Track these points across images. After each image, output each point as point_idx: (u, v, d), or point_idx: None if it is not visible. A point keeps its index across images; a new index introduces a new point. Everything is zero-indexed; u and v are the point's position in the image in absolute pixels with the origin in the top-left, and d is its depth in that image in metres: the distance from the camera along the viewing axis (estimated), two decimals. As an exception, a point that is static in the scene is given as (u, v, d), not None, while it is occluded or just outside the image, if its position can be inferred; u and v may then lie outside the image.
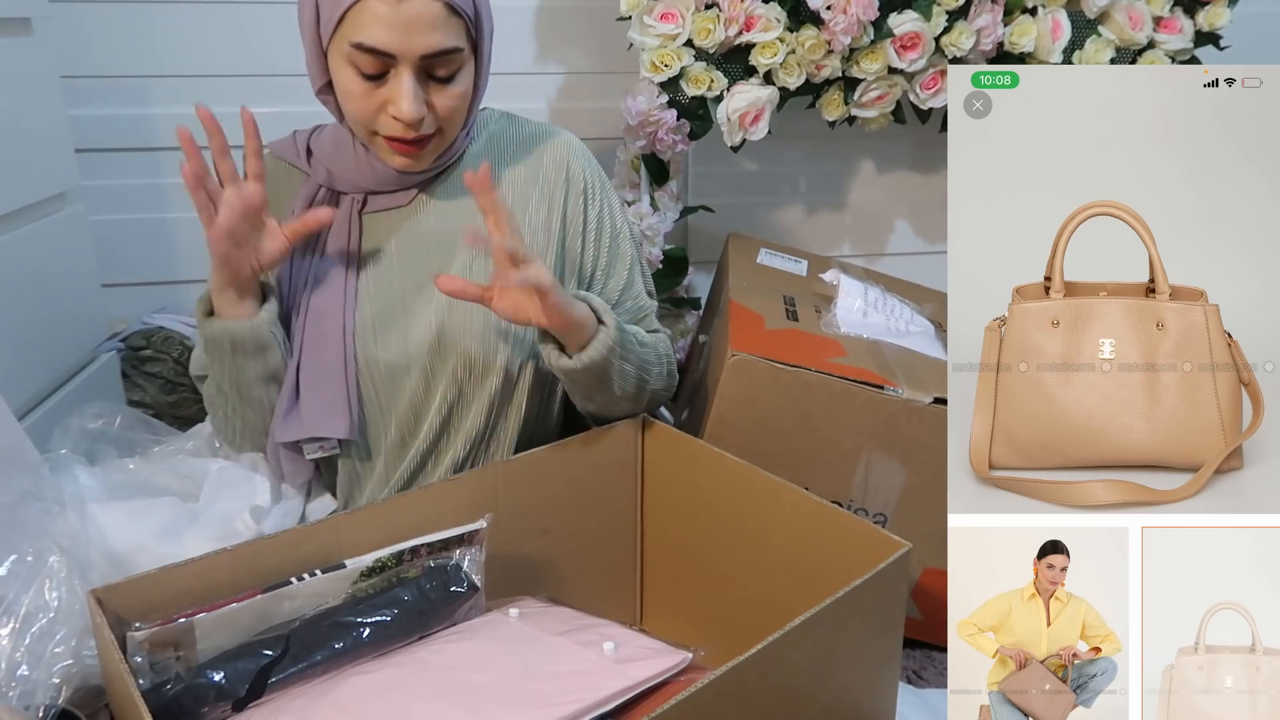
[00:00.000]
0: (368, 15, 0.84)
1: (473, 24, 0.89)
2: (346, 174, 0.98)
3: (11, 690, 0.72)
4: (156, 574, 0.73)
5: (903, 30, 1.37)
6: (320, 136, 1.01)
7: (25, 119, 1.19)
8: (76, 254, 1.31)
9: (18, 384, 1.11)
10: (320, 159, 0.99)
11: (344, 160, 0.98)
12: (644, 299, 1.08)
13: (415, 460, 0.99)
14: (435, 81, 0.89)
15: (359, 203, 0.99)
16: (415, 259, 0.99)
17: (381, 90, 0.88)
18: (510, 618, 0.81)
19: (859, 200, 1.81)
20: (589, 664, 0.70)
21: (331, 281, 0.98)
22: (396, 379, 0.97)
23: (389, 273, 0.98)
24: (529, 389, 1.01)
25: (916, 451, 1.06)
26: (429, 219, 0.99)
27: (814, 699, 0.75)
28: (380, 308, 0.98)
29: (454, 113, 0.92)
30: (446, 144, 0.96)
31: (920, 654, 1.15)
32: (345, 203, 0.99)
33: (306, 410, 0.95)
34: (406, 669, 0.72)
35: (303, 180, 1.01)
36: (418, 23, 0.84)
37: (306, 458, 0.97)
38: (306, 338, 0.97)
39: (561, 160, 1.03)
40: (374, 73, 0.87)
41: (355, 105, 0.90)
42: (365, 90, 0.88)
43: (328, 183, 0.99)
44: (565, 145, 1.04)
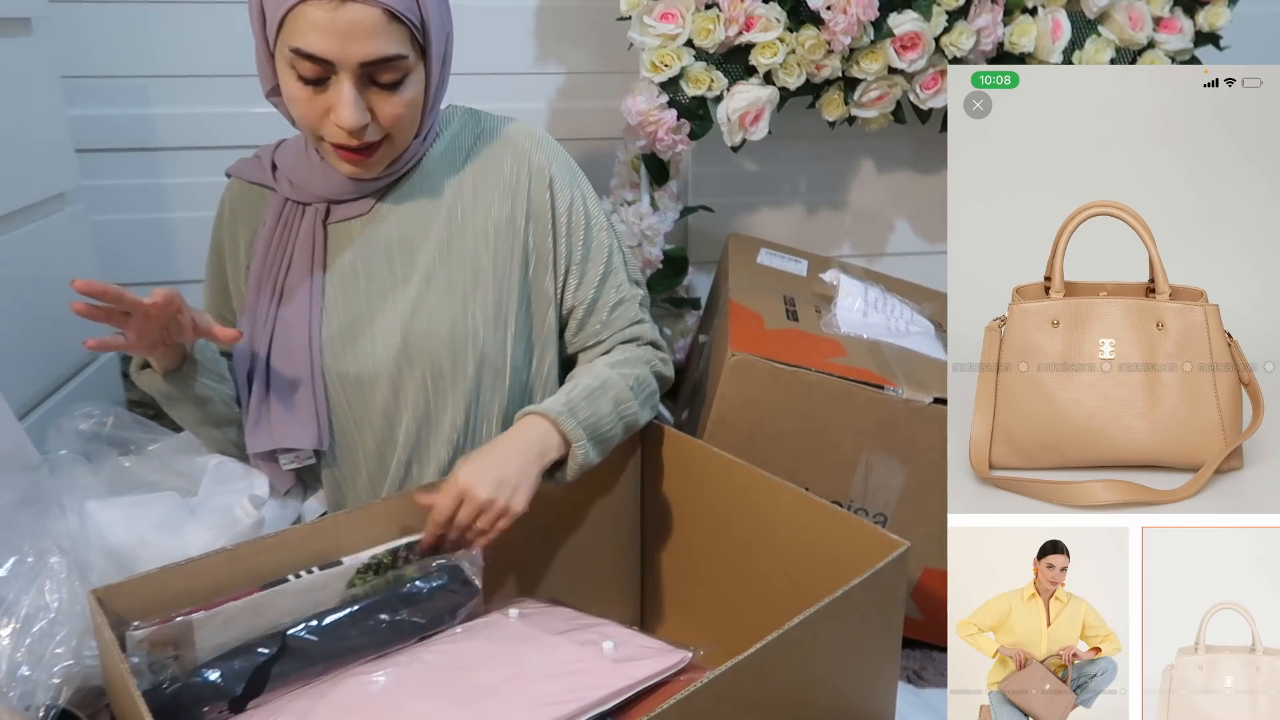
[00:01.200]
0: (304, 21, 0.82)
1: (419, 30, 0.86)
2: (306, 184, 0.97)
3: (12, 690, 0.72)
4: (156, 574, 0.73)
5: (903, 30, 1.37)
6: (284, 149, 1.00)
7: (25, 119, 1.19)
8: (76, 254, 1.31)
9: (18, 384, 1.10)
10: (283, 171, 0.98)
11: (303, 170, 0.97)
12: (627, 287, 1.05)
13: (399, 468, 0.98)
14: (379, 88, 0.87)
15: (322, 213, 0.97)
16: (378, 267, 0.97)
17: (324, 96, 0.86)
18: (510, 618, 0.81)
19: (859, 200, 1.81)
20: (588, 663, 0.70)
21: (298, 294, 0.97)
22: (365, 390, 0.97)
23: (353, 282, 0.97)
24: (506, 390, 0.99)
25: (916, 451, 1.06)
26: (390, 226, 0.98)
27: (814, 699, 0.75)
28: (346, 320, 0.96)
29: (400, 120, 0.89)
30: (397, 151, 0.93)
31: (920, 654, 1.15)
32: (309, 214, 0.97)
33: (275, 422, 0.96)
34: (406, 669, 0.72)
35: (270, 197, 1.00)
36: (356, 30, 0.82)
37: (283, 468, 0.98)
38: (274, 349, 0.96)
39: (523, 153, 1.00)
40: (315, 78, 0.85)
41: (299, 110, 0.88)
42: (307, 96, 0.86)
43: (291, 195, 0.98)
44: (527, 137, 1.01)
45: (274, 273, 0.98)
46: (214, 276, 1.05)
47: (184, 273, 1.60)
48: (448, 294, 0.96)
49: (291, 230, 0.98)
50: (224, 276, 1.03)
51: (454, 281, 0.97)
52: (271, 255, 0.97)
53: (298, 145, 0.98)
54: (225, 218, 1.03)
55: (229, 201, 1.03)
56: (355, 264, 0.97)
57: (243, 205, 1.02)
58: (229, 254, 1.03)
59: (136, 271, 1.58)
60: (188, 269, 1.60)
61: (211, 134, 1.54)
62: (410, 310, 0.95)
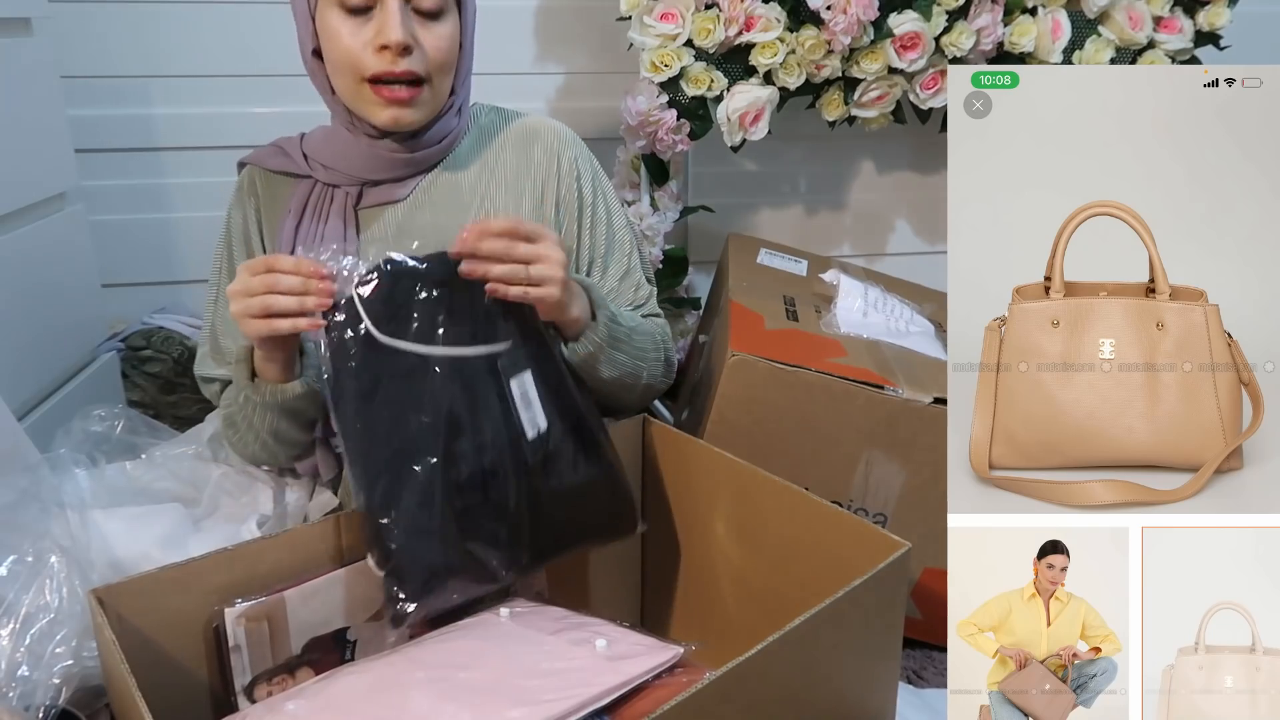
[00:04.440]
0: None
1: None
2: (342, 164, 0.98)
3: (12, 691, 0.72)
4: (157, 573, 0.73)
5: (903, 30, 1.37)
6: (310, 138, 1.01)
7: (25, 119, 1.19)
8: (76, 254, 1.31)
9: (18, 384, 1.11)
10: (315, 157, 0.99)
11: (337, 150, 0.98)
12: (645, 285, 1.08)
13: None
14: (421, 17, 0.90)
15: (354, 197, 0.99)
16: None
17: (368, 26, 0.89)
18: (501, 617, 0.81)
19: (859, 200, 1.81)
20: (581, 661, 0.70)
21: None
22: None
23: None
24: None
25: (916, 451, 1.06)
26: (424, 213, 1.00)
27: (814, 699, 0.75)
28: None
29: (442, 55, 0.92)
30: (436, 99, 0.95)
31: (920, 654, 1.15)
32: (339, 198, 0.98)
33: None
34: (398, 667, 0.72)
35: (292, 184, 1.00)
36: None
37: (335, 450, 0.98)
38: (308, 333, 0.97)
39: (552, 149, 1.03)
40: (360, 4, 0.88)
41: (343, 46, 0.90)
42: (352, 28, 0.89)
43: (325, 178, 0.99)
44: (555, 134, 1.04)
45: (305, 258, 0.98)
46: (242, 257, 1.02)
47: (184, 273, 1.60)
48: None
49: (321, 215, 0.99)
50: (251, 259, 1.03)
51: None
52: (300, 240, 0.97)
53: (324, 130, 1.00)
54: (248, 204, 1.02)
55: (249, 188, 1.03)
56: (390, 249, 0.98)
57: (266, 193, 1.02)
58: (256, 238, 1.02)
59: (136, 271, 1.58)
60: (187, 269, 1.60)
61: (211, 134, 1.54)
62: None
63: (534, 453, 0.80)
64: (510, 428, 0.79)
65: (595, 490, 0.86)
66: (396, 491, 0.75)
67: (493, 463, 0.78)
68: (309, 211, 0.99)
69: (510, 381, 0.80)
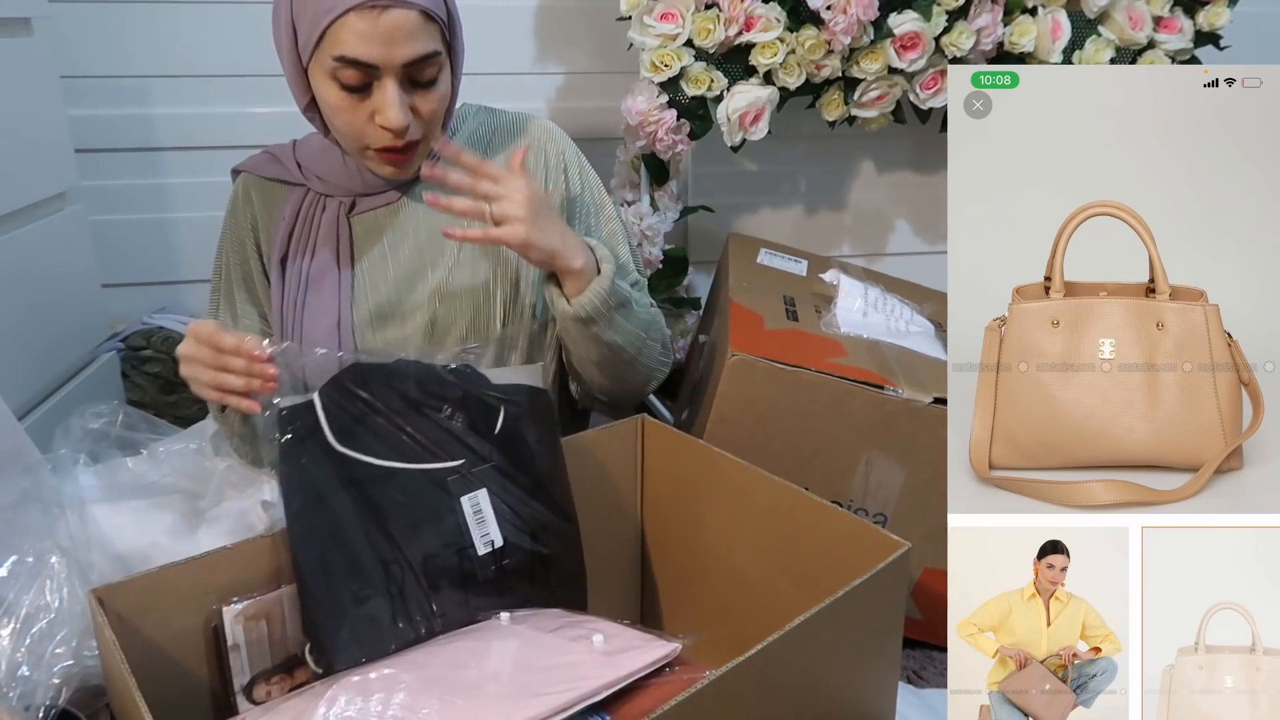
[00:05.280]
0: (348, 30, 0.85)
1: (446, 26, 0.91)
2: (334, 179, 1.00)
3: (12, 690, 0.72)
4: (157, 573, 0.73)
5: (903, 30, 1.37)
6: (303, 147, 1.03)
7: (25, 119, 1.19)
8: (76, 254, 1.31)
9: (18, 384, 1.11)
10: (309, 168, 1.01)
11: (330, 166, 1.00)
12: (635, 275, 1.10)
13: None
14: (417, 87, 0.91)
15: (346, 205, 1.01)
16: (406, 254, 1.01)
17: (367, 102, 0.89)
18: (500, 621, 0.81)
19: (859, 200, 1.81)
20: (579, 656, 0.70)
21: (326, 280, 1.00)
22: None
23: (382, 269, 1.01)
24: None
25: (916, 451, 1.06)
26: (416, 215, 1.02)
27: (814, 699, 0.75)
28: (375, 304, 1.00)
29: (436, 115, 0.94)
30: (431, 147, 0.97)
31: (920, 654, 1.15)
32: (332, 205, 1.01)
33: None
34: (397, 668, 0.72)
35: (286, 191, 1.03)
36: (398, 33, 0.85)
37: None
38: (305, 333, 0.99)
39: (539, 145, 1.05)
40: (357, 84, 0.88)
41: (343, 119, 0.91)
42: (350, 104, 0.89)
43: (320, 189, 1.01)
44: (542, 130, 1.07)
45: (299, 263, 1.00)
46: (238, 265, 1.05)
47: (183, 273, 1.60)
48: (471, 279, 1.00)
49: (313, 222, 1.00)
50: (248, 265, 1.05)
51: (477, 267, 1.01)
52: (295, 246, 1.00)
53: (317, 142, 1.01)
54: (242, 211, 1.04)
55: (244, 195, 1.05)
56: (384, 252, 1.01)
57: (261, 200, 1.04)
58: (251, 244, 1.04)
59: (136, 271, 1.58)
60: (187, 269, 1.60)
61: (211, 134, 1.54)
62: (439, 295, 0.99)
63: (484, 568, 0.80)
64: (460, 541, 0.80)
65: (554, 598, 0.85)
66: (336, 591, 0.75)
67: (434, 574, 0.78)
68: (302, 218, 1.01)
69: (463, 499, 0.81)
